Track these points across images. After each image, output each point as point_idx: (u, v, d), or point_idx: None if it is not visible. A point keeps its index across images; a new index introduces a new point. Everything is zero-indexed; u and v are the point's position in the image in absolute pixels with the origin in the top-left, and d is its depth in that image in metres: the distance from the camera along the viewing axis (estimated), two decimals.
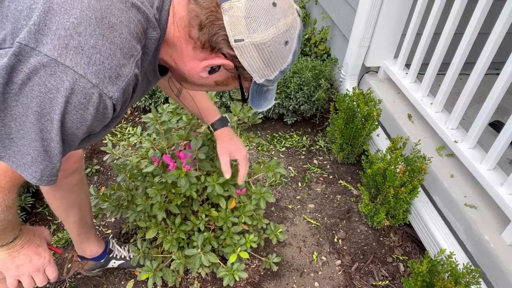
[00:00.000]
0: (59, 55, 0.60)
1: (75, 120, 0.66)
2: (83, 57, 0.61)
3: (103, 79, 0.64)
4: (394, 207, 1.76)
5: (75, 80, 0.61)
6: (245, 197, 1.52)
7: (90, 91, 0.63)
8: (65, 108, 0.63)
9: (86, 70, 0.62)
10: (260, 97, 0.87)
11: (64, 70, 0.61)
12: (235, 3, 0.72)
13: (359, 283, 1.70)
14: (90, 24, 0.63)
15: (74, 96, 0.63)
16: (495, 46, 1.45)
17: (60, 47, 0.60)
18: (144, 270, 1.41)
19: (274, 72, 0.81)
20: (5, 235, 0.88)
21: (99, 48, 0.63)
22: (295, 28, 0.78)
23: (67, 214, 1.42)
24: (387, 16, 2.08)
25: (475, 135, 1.59)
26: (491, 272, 1.42)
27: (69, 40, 0.61)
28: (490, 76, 1.64)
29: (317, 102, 2.38)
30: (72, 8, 0.63)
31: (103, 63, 0.63)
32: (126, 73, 0.67)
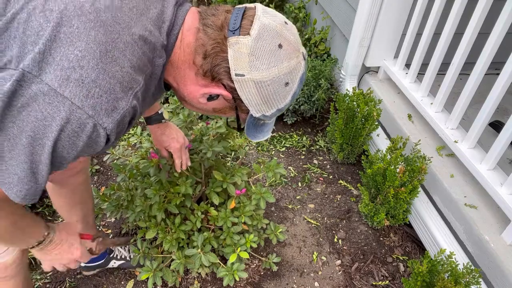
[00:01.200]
0: (59, 86, 0.62)
1: (67, 146, 0.67)
2: (83, 90, 0.63)
3: (99, 111, 0.65)
4: (394, 207, 1.76)
5: (71, 111, 0.63)
6: (245, 197, 1.52)
7: (85, 121, 0.65)
8: (58, 135, 0.65)
9: (83, 102, 0.63)
10: (256, 129, 0.89)
11: (62, 101, 0.62)
12: (241, 39, 0.75)
13: (359, 283, 1.70)
14: (94, 57, 0.64)
15: (68, 125, 0.64)
16: (495, 46, 1.45)
17: (62, 78, 0.62)
18: (144, 270, 1.41)
19: (271, 109, 0.83)
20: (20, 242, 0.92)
21: (99, 82, 0.64)
22: (298, 71, 0.80)
23: (70, 213, 1.43)
24: (387, 16, 2.08)
25: (475, 135, 1.59)
26: (491, 272, 1.42)
27: (71, 73, 0.62)
28: (490, 76, 1.64)
29: (317, 102, 2.38)
30: (78, 40, 0.64)
31: (101, 96, 0.65)
32: (122, 106, 0.68)
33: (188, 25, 0.80)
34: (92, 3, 0.68)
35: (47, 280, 1.64)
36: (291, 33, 0.79)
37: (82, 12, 0.66)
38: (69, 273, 1.67)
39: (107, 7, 0.69)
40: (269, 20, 0.77)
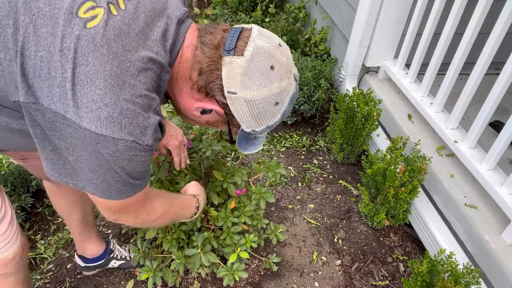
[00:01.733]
0: (96, 127, 0.70)
1: (136, 165, 0.78)
2: (115, 124, 0.71)
3: (136, 135, 0.74)
4: (394, 207, 1.76)
5: (115, 143, 0.72)
6: (245, 197, 1.52)
7: (131, 145, 0.74)
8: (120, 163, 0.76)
9: (120, 134, 0.72)
10: (247, 142, 0.95)
11: (105, 139, 0.71)
12: (235, 59, 0.79)
13: (359, 283, 1.70)
14: (114, 93, 0.71)
15: (121, 154, 0.74)
16: (495, 46, 1.45)
17: (95, 119, 0.70)
18: (144, 270, 1.41)
19: (261, 126, 0.88)
20: (184, 219, 1.23)
21: (125, 112, 0.72)
22: (288, 92, 0.85)
23: (70, 213, 1.43)
24: (387, 16, 2.08)
25: (475, 135, 1.59)
26: (491, 272, 1.42)
27: (100, 113, 0.70)
28: (490, 76, 1.64)
29: (317, 102, 2.38)
30: (97, 78, 0.70)
31: (132, 124, 0.73)
32: (151, 122, 0.76)
33: (188, 42, 0.85)
34: (102, 34, 0.72)
35: (47, 280, 1.64)
36: (284, 55, 0.84)
37: (96, 47, 0.71)
38: (69, 273, 1.68)
39: (116, 36, 0.73)
40: (263, 42, 0.81)
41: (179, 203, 1.16)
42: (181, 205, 1.16)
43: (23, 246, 1.14)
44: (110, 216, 0.94)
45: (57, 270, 1.69)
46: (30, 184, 1.88)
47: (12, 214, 1.08)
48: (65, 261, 1.72)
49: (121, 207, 0.89)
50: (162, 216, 1.03)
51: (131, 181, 0.81)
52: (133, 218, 0.97)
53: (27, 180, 1.88)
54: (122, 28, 0.75)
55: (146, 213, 0.97)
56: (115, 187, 0.81)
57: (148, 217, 0.99)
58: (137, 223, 1.01)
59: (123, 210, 0.91)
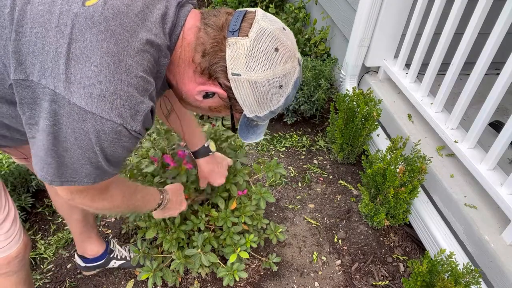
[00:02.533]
0: (86, 104, 0.68)
1: (116, 150, 0.76)
2: (106, 103, 0.69)
3: (125, 118, 0.72)
4: (394, 207, 1.76)
5: (103, 123, 0.70)
6: (245, 197, 1.52)
7: (118, 128, 0.72)
8: (101, 144, 0.73)
9: (110, 114, 0.70)
10: (249, 130, 0.93)
11: (93, 117, 0.69)
12: (240, 40, 0.78)
13: (359, 283, 1.70)
14: (109, 70, 0.69)
15: (105, 135, 0.72)
16: (495, 46, 1.45)
17: (86, 96, 0.68)
18: (144, 270, 1.41)
19: (264, 110, 0.86)
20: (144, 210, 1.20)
21: (119, 93, 0.70)
22: (292, 75, 0.83)
23: (71, 212, 1.43)
24: (387, 16, 2.08)
25: (475, 135, 1.59)
26: (491, 272, 1.42)
27: (92, 90, 0.68)
28: (490, 76, 1.64)
29: (317, 102, 2.38)
30: (93, 55, 0.69)
31: (124, 105, 0.71)
32: (143, 108, 0.75)
33: (190, 24, 0.83)
34: (101, 12, 0.71)
35: (47, 280, 1.64)
36: (288, 38, 0.82)
37: (93, 24, 0.70)
38: (69, 273, 1.67)
39: (115, 15, 0.72)
40: (268, 25, 0.80)
41: (142, 196, 1.12)
42: (143, 199, 1.12)
43: (25, 244, 1.14)
44: (66, 195, 0.89)
45: (57, 270, 1.69)
46: (30, 184, 1.88)
47: (15, 213, 1.09)
48: (65, 261, 1.72)
49: (80, 189, 0.87)
50: (118, 206, 1.01)
51: (105, 166, 0.79)
52: (89, 201, 0.93)
53: (27, 180, 1.88)
54: (121, 8, 0.74)
55: (101, 201, 0.94)
56: (86, 169, 0.78)
57: (103, 205, 0.96)
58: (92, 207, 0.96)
59: (81, 192, 0.88)
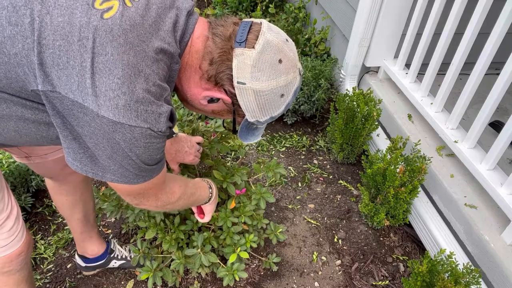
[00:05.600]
0: (114, 115, 0.72)
1: (152, 153, 0.82)
2: (132, 112, 0.74)
3: (151, 122, 0.77)
4: (394, 207, 1.76)
5: (132, 131, 0.75)
6: (245, 197, 1.52)
7: (147, 132, 0.77)
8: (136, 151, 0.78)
9: (137, 121, 0.75)
10: (248, 132, 0.98)
11: (121, 126, 0.74)
12: (247, 51, 0.83)
13: (359, 283, 1.70)
14: (131, 82, 0.74)
15: (137, 142, 0.77)
16: (495, 46, 1.45)
17: (113, 107, 0.72)
18: (144, 270, 1.41)
19: (265, 116, 0.91)
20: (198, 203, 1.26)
21: (141, 101, 0.75)
22: (293, 85, 0.89)
23: (72, 211, 1.43)
24: (387, 16, 2.08)
25: (475, 135, 1.59)
26: (491, 272, 1.42)
27: (118, 101, 0.72)
28: (490, 76, 1.64)
29: (317, 102, 2.38)
30: (115, 68, 0.72)
31: (147, 111, 0.76)
32: (164, 110, 0.79)
33: (198, 33, 0.88)
34: (119, 25, 0.74)
35: (47, 280, 1.64)
36: (290, 50, 0.88)
37: (113, 37, 0.73)
38: (69, 273, 1.68)
39: (132, 26, 0.76)
40: (273, 37, 0.85)
41: (193, 184, 1.19)
42: (195, 187, 1.19)
43: (28, 243, 1.15)
44: (131, 200, 0.97)
45: (57, 270, 1.69)
46: (30, 184, 1.89)
47: (18, 211, 1.09)
48: (65, 261, 1.72)
49: (140, 191, 0.93)
50: (181, 197, 1.07)
51: (147, 167, 0.84)
52: (154, 201, 1.00)
53: (27, 180, 1.88)
54: (136, 19, 0.77)
55: (166, 195, 1.01)
56: (132, 173, 0.83)
57: (169, 199, 1.03)
58: (159, 206, 1.03)
59: (143, 194, 0.94)
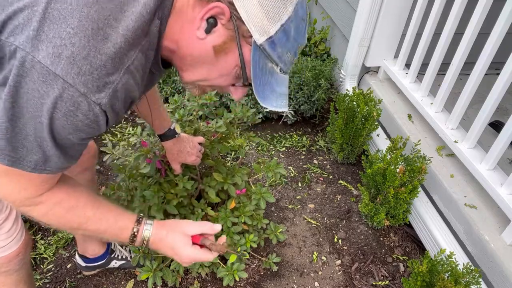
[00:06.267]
0: (52, 63, 0.62)
1: (66, 126, 0.68)
2: (74, 67, 0.63)
3: (91, 88, 0.65)
4: (394, 207, 1.76)
5: (63, 89, 0.64)
6: (245, 197, 1.52)
7: (78, 99, 0.65)
8: (53, 113, 0.66)
9: (75, 80, 0.64)
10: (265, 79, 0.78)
11: (55, 79, 0.63)
12: None
13: (359, 283, 1.70)
14: (86, 35, 0.64)
15: (62, 103, 0.65)
16: (495, 46, 1.45)
17: (54, 55, 0.62)
18: (144, 270, 1.41)
19: (274, 24, 0.72)
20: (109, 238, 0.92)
21: (90, 59, 0.64)
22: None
23: None
24: (387, 16, 2.08)
25: (475, 135, 1.59)
26: (491, 272, 1.42)
27: (63, 50, 0.63)
28: (490, 76, 1.64)
29: (317, 102, 2.38)
30: (71, 17, 0.64)
31: (92, 73, 0.65)
32: (113, 80, 0.68)
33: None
34: None
35: (47, 280, 1.64)
36: None
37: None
38: (69, 273, 1.68)
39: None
40: None
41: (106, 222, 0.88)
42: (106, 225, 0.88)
43: (26, 243, 1.14)
44: None
45: (57, 270, 1.69)
46: None
47: (17, 213, 1.09)
48: (65, 261, 1.72)
49: (4, 173, 0.74)
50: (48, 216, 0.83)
51: (47, 145, 0.70)
52: (16, 193, 0.78)
53: None
54: None
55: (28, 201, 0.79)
56: (26, 143, 0.69)
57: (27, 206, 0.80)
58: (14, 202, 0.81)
59: (6, 177, 0.75)
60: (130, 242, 0.91)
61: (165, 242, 0.93)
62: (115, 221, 0.89)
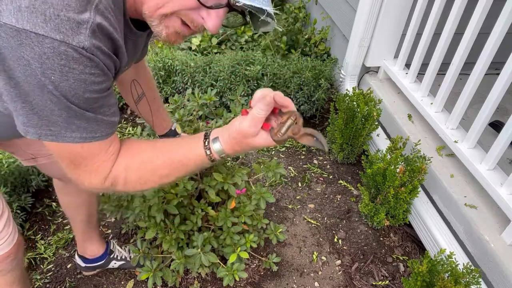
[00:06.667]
0: (17, 21, 0.57)
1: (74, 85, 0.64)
2: (38, 15, 0.58)
3: (65, 33, 0.59)
4: (394, 207, 1.76)
5: (40, 43, 0.59)
6: (245, 197, 1.52)
7: (60, 49, 0.60)
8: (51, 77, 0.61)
9: (45, 29, 0.58)
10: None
11: (26, 36, 0.58)
12: None
13: (359, 283, 1.70)
14: None
15: (49, 60, 0.60)
16: (495, 46, 1.45)
17: (14, 11, 0.57)
18: (144, 270, 1.41)
19: None
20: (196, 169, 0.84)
21: (51, 1, 0.59)
22: None
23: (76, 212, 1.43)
24: (387, 16, 2.08)
25: (475, 135, 1.59)
26: (491, 272, 1.42)
27: (20, 1, 0.57)
28: (490, 76, 1.64)
29: (317, 102, 2.38)
30: None
31: (59, 16, 0.59)
32: (86, 18, 0.61)
33: None
34: None
35: (47, 280, 1.64)
36: None
37: None
38: (69, 273, 1.67)
39: None
40: None
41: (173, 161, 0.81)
42: (181, 162, 0.82)
43: (18, 244, 1.14)
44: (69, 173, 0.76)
45: (57, 270, 1.69)
46: (30, 184, 1.88)
47: (8, 215, 1.08)
48: (65, 261, 1.72)
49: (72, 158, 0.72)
50: (138, 181, 0.81)
51: (77, 110, 0.66)
52: (93, 179, 0.77)
53: (27, 180, 1.88)
54: None
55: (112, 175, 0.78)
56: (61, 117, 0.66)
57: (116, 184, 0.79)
58: (105, 188, 0.79)
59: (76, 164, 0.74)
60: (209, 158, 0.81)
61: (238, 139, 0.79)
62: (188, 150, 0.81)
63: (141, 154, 0.81)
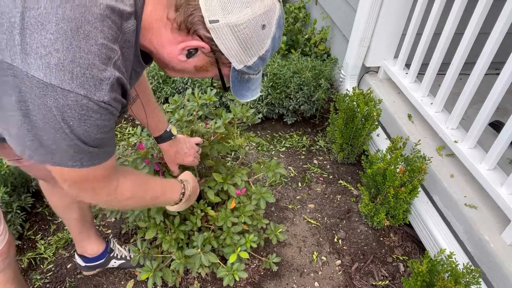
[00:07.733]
0: (45, 75, 0.64)
1: (89, 130, 0.71)
2: (66, 73, 0.65)
3: (89, 89, 0.67)
4: (394, 207, 1.76)
5: (65, 96, 0.66)
6: (245, 197, 1.52)
7: (83, 101, 0.67)
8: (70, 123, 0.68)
9: (71, 85, 0.65)
10: (242, 86, 0.86)
11: (53, 89, 0.65)
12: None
13: (359, 283, 1.70)
14: (67, 38, 0.65)
15: (71, 111, 0.67)
16: (495, 46, 1.45)
17: (44, 66, 0.64)
18: (144, 270, 1.41)
19: (252, 57, 0.80)
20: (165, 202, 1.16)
21: (78, 60, 0.66)
22: (274, 12, 0.77)
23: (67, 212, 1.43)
24: (387, 16, 2.08)
25: (475, 135, 1.59)
26: (491, 272, 1.42)
27: (49, 59, 0.64)
28: (490, 76, 1.64)
29: (317, 102, 2.38)
30: (48, 22, 0.64)
31: (85, 74, 0.66)
32: (107, 76, 0.69)
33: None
34: None
35: (47, 280, 1.64)
36: None
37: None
38: (69, 273, 1.67)
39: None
40: None
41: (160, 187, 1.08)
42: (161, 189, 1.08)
43: (9, 244, 1.14)
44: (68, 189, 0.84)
45: (57, 270, 1.69)
46: (30, 184, 1.88)
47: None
48: (65, 261, 1.72)
49: (77, 180, 0.81)
50: (131, 198, 0.95)
51: (85, 147, 0.74)
52: (91, 196, 0.87)
53: (27, 180, 1.88)
54: None
55: (107, 192, 0.88)
56: (67, 152, 0.73)
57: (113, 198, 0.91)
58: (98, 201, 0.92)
59: (80, 184, 0.83)
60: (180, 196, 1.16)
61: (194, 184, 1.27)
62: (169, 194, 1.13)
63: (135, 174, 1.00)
